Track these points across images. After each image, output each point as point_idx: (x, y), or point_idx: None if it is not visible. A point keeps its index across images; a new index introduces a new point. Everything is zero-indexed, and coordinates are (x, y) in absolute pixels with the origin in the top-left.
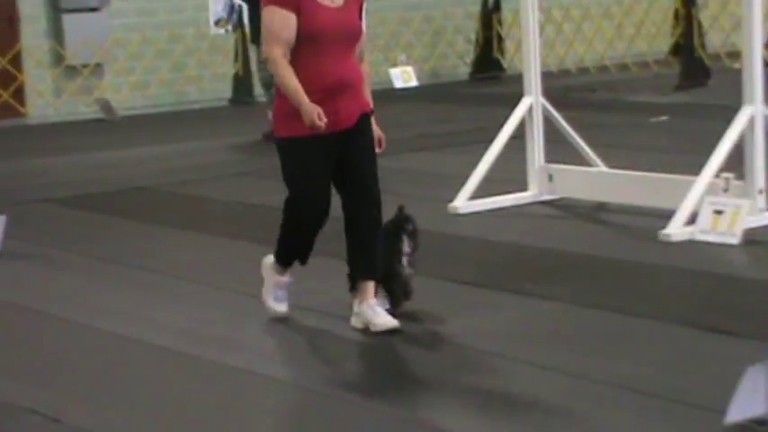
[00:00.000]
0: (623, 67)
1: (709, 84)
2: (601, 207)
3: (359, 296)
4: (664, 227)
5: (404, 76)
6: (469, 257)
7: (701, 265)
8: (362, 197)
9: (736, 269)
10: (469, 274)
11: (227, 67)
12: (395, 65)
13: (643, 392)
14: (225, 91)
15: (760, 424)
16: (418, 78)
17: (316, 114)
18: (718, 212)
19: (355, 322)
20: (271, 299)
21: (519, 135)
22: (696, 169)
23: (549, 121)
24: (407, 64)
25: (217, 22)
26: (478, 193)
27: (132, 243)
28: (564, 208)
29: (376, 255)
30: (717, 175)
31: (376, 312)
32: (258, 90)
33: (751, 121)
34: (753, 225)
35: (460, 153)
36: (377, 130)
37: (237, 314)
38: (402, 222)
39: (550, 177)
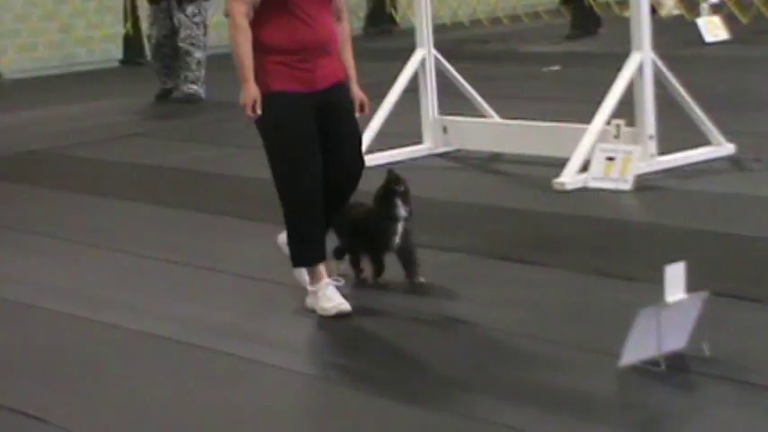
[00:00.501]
0: (515, 18)
1: (600, 32)
2: (496, 158)
3: (314, 275)
4: (558, 175)
5: None
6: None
7: (594, 212)
8: (335, 169)
9: (629, 214)
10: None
11: (118, 28)
12: None
13: (540, 338)
14: (115, 52)
15: (653, 365)
16: None
17: (251, 102)
18: (610, 159)
19: (308, 303)
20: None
21: (413, 88)
22: (588, 117)
23: (442, 74)
24: None
25: None
26: (374, 148)
27: (25, 208)
28: (459, 159)
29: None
30: (608, 123)
31: (326, 296)
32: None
33: (639, 68)
34: (644, 170)
35: None
36: (358, 94)
37: (134, 275)
38: (392, 185)
39: (445, 129)
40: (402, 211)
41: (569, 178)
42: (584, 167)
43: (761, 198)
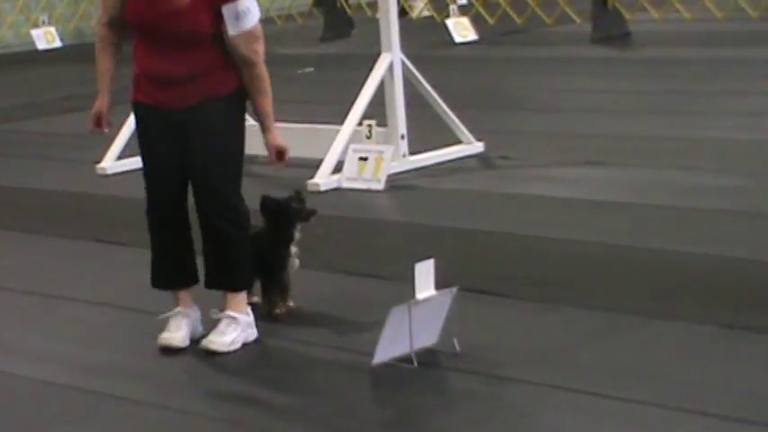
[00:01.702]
0: (268, 20)
1: (353, 34)
2: (251, 160)
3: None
4: (312, 176)
5: (47, 37)
6: (119, 217)
7: (348, 212)
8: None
9: (381, 214)
10: (122, 234)
11: None
12: (36, 26)
13: (297, 341)
14: None
15: (405, 362)
16: (62, 39)
17: (93, 116)
18: (363, 159)
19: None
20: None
21: None
22: (342, 119)
23: None
24: (50, 25)
25: None
26: (127, 153)
27: None
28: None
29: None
30: (360, 123)
31: (167, 325)
32: None
33: (390, 68)
34: (396, 170)
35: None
36: (273, 142)
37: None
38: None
39: None
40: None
41: (323, 179)
42: (338, 168)
43: (509, 195)
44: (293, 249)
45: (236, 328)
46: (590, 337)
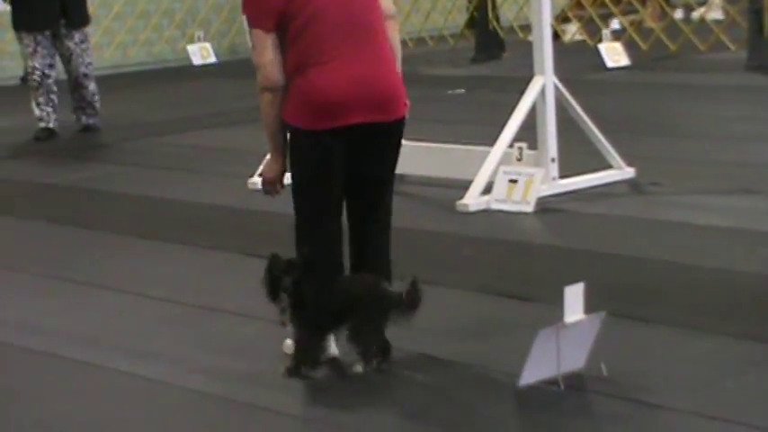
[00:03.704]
0: (420, 41)
1: (504, 56)
2: (400, 179)
3: None
4: (461, 197)
5: (202, 53)
6: (267, 232)
7: (496, 234)
8: None
9: (530, 236)
10: (270, 248)
11: (16, 45)
12: (192, 41)
13: (441, 359)
14: (15, 69)
15: (552, 384)
16: (216, 54)
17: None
18: (513, 181)
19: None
20: None
21: None
22: (492, 140)
23: None
24: (205, 40)
25: None
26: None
27: None
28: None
29: None
30: (511, 145)
31: None
32: None
33: (542, 91)
34: (546, 193)
35: (260, 129)
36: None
37: (27, 294)
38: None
39: None
40: None
41: (472, 200)
42: (488, 189)
43: (659, 221)
44: None
45: None
46: (740, 367)
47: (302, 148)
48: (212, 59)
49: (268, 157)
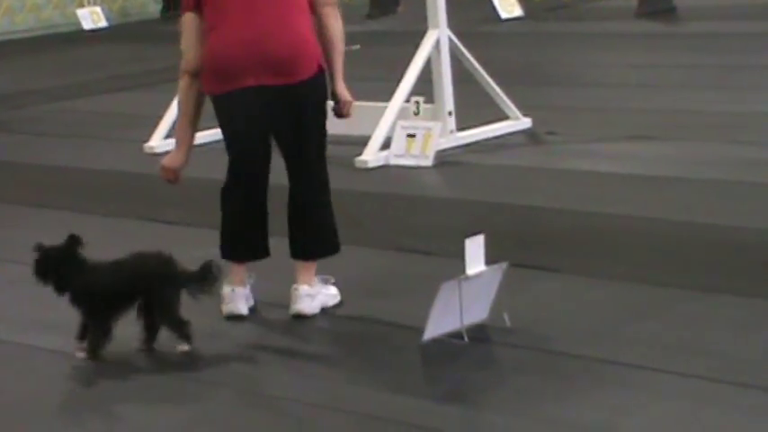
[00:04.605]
0: None
1: (398, 11)
2: None
3: None
4: (360, 153)
5: (93, 17)
6: (166, 196)
7: (396, 189)
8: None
9: (430, 190)
10: (169, 212)
11: None
12: (82, 5)
13: (348, 317)
14: None
15: (455, 337)
16: (108, 18)
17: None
18: (411, 136)
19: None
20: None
21: None
22: (389, 96)
23: None
24: (95, 4)
25: None
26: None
27: None
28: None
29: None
30: (407, 100)
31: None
32: None
33: (437, 45)
34: (444, 146)
35: (155, 92)
36: None
37: None
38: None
39: None
40: None
41: (371, 156)
42: (386, 145)
43: (557, 170)
44: None
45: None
46: (642, 312)
47: (215, 110)
48: (103, 23)
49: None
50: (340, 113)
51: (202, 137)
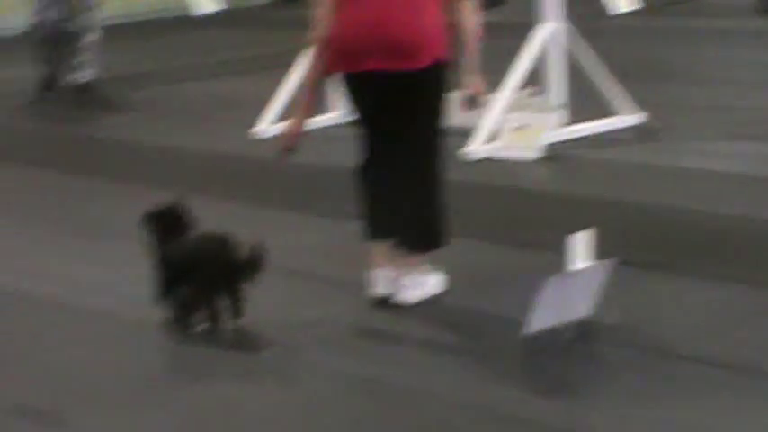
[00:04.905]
0: None
1: (508, 2)
2: None
3: None
4: (465, 145)
5: (206, 1)
6: (272, 180)
7: (503, 182)
8: None
9: (537, 184)
10: (272, 195)
11: None
12: None
13: (452, 308)
14: (18, 21)
15: (558, 332)
16: (220, 3)
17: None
18: (520, 128)
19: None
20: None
21: None
22: (498, 87)
23: None
24: None
25: None
26: (282, 117)
27: None
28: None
29: None
30: (517, 92)
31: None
32: None
33: (549, 37)
34: (553, 140)
35: (264, 77)
36: None
37: (37, 243)
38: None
39: None
40: None
41: (477, 148)
42: (494, 137)
43: (667, 167)
44: None
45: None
46: (755, 315)
47: (344, 89)
48: (217, 8)
49: None
50: (471, 105)
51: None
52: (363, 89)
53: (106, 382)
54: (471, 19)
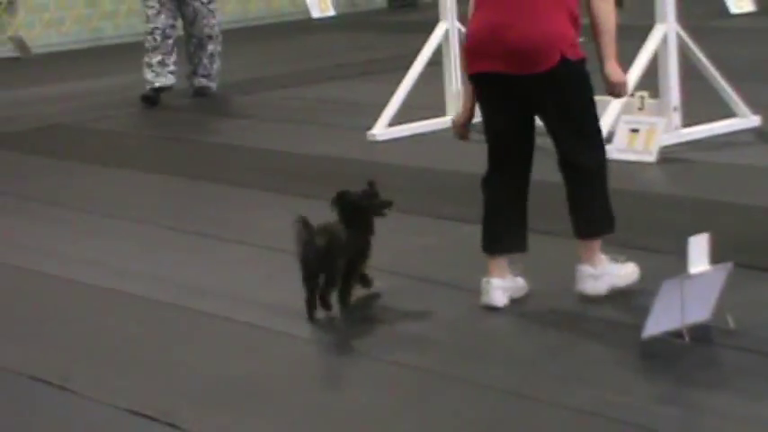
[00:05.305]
0: None
1: (624, 4)
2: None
3: None
4: None
5: (321, 6)
6: (388, 183)
7: (618, 184)
8: None
9: (653, 186)
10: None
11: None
12: None
13: (565, 312)
14: (140, 26)
15: (676, 336)
16: (335, 7)
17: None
18: (634, 131)
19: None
20: None
21: (436, 61)
22: None
23: None
24: None
25: None
26: (397, 120)
27: (51, 180)
28: (482, 131)
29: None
30: (632, 94)
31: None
32: None
33: (664, 39)
34: (668, 142)
35: (379, 81)
36: None
37: (157, 247)
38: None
39: None
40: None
41: None
42: (608, 139)
43: None
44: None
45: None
46: None
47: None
48: (331, 12)
49: None
50: (612, 94)
51: (419, 126)
52: (485, 91)
53: (220, 384)
54: (605, 8)
